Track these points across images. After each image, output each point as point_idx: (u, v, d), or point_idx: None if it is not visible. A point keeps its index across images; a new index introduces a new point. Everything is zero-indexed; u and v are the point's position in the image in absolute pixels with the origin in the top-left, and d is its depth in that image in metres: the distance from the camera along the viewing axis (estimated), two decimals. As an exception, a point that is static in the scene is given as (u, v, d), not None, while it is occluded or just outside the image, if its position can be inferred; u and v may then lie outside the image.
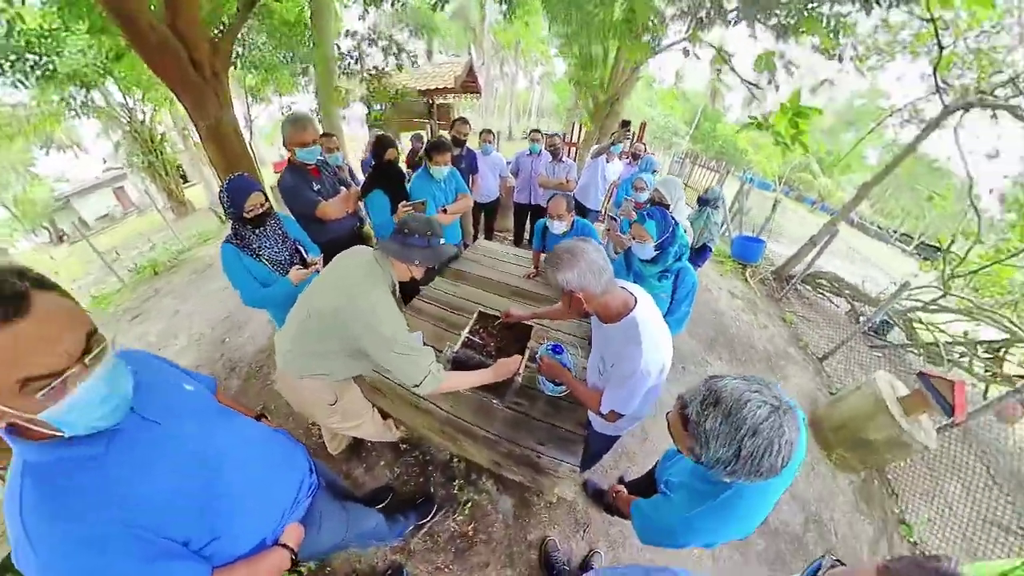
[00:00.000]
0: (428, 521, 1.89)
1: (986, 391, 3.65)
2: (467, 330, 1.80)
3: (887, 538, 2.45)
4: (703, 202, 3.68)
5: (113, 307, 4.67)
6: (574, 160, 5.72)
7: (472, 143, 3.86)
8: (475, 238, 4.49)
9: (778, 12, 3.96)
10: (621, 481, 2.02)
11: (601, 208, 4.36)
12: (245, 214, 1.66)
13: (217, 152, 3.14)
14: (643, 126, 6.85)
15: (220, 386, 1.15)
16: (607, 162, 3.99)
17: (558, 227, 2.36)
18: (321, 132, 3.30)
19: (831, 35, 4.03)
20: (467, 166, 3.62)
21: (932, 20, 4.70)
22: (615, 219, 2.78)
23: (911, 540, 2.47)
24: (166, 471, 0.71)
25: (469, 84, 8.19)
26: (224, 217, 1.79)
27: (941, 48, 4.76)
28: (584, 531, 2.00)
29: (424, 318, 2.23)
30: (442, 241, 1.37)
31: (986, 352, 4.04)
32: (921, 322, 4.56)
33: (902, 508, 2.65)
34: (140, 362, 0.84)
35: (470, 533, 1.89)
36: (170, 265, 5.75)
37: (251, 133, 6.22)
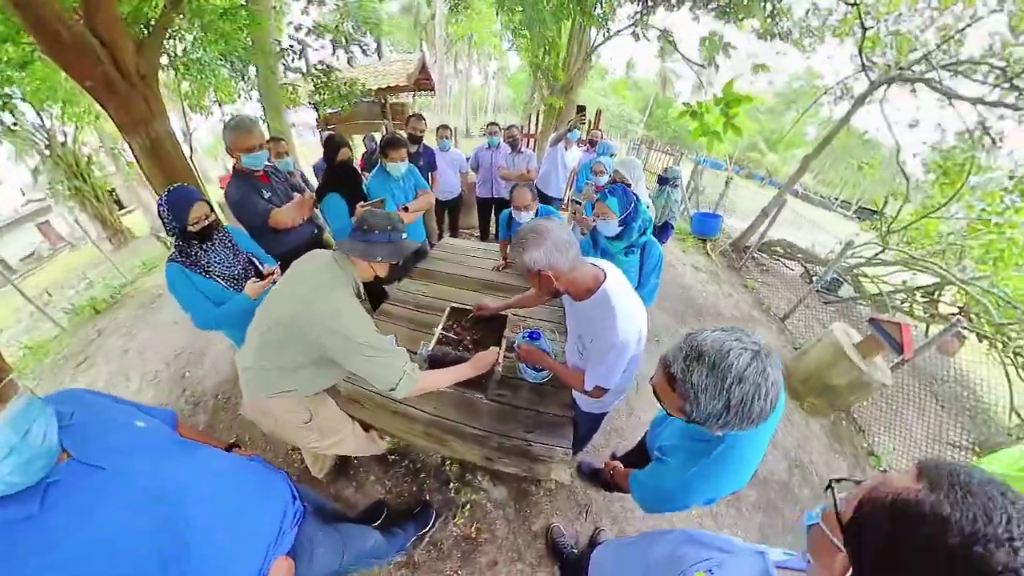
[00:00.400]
0: (429, 530, 1.82)
1: (927, 330, 4.04)
2: (440, 327, 1.75)
3: (860, 470, 2.69)
4: (663, 181, 3.78)
5: (52, 356, 4.16)
6: (533, 151, 5.73)
7: (429, 141, 3.77)
8: (440, 236, 4.41)
9: None
10: (614, 457, 2.03)
11: (563, 195, 4.38)
12: (189, 227, 1.51)
13: (154, 167, 2.86)
14: (599, 114, 6.98)
15: (185, 420, 1.05)
16: (565, 149, 4.02)
17: (524, 218, 2.35)
18: (268, 137, 3.10)
19: (768, 18, 4.24)
20: (425, 163, 3.53)
21: (855, 4, 5.26)
22: (579, 203, 2.80)
23: (881, 468, 2.72)
24: (111, 512, 0.64)
25: (423, 81, 7.99)
26: (167, 237, 1.61)
27: (865, 30, 5.28)
28: (586, 512, 2.02)
29: (394, 321, 2.15)
30: (404, 236, 1.31)
31: (923, 296, 4.53)
32: (866, 276, 5.01)
33: (870, 442, 2.94)
34: (77, 402, 0.76)
35: (473, 534, 1.85)
36: (113, 301, 5.24)
37: (191, 148, 5.69)
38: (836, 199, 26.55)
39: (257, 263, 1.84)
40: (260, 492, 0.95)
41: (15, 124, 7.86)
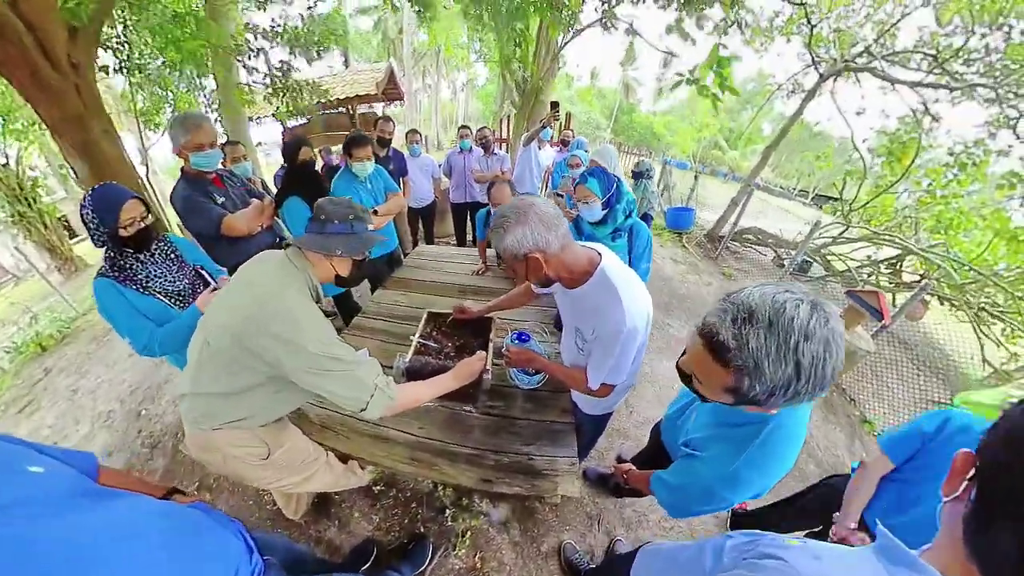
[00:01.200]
0: (427, 567, 1.61)
1: (894, 299, 4.23)
2: (418, 334, 1.57)
3: (858, 438, 2.74)
4: (637, 175, 3.77)
5: (-8, 401, 3.69)
6: (506, 153, 5.68)
7: (399, 147, 3.62)
8: (415, 245, 4.23)
9: None
10: (621, 460, 1.91)
11: (539, 194, 4.32)
12: (121, 230, 1.25)
13: (91, 172, 2.56)
14: (569, 116, 7.03)
15: (142, 465, 0.82)
16: (539, 148, 3.95)
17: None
18: (225, 140, 2.83)
19: (729, 6, 4.37)
20: (396, 168, 3.36)
21: (801, 4, 5.70)
22: (560, 195, 2.70)
23: (876, 433, 2.78)
24: None
25: (391, 91, 7.86)
26: (95, 244, 1.31)
27: (812, 27, 5.74)
28: (598, 523, 1.87)
29: (368, 335, 1.95)
30: (369, 226, 1.14)
31: (887, 268, 4.81)
32: (833, 254, 5.29)
33: (861, 410, 3.03)
34: None
35: (478, 565, 1.66)
36: (61, 336, 4.76)
37: (147, 167, 5.22)
38: (794, 189, 28.24)
39: (207, 276, 1.60)
40: (194, 553, 0.75)
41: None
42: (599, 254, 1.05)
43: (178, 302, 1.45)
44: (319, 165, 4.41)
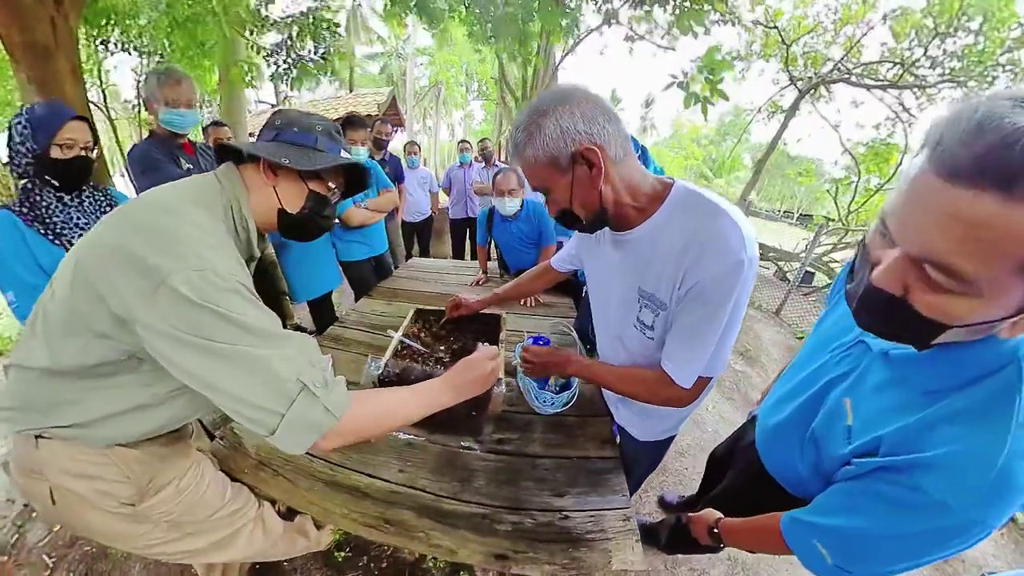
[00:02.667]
0: None
1: None
2: (400, 332, 1.17)
3: None
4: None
5: None
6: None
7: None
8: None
9: None
10: (672, 506, 1.58)
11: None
12: (56, 149, 1.02)
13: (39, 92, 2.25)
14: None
15: None
16: None
17: (508, 206, 1.93)
18: (212, 121, 2.56)
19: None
20: (391, 173, 3.12)
21: (775, 27, 6.41)
22: None
23: None
24: None
25: (392, 115, 8.01)
26: (13, 171, 1.03)
27: (788, 47, 6.44)
28: None
29: (343, 346, 1.55)
30: (344, 153, 0.78)
31: None
32: (836, 261, 5.33)
33: None
34: None
35: None
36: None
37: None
38: (779, 211, 29.26)
39: None
40: None
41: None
42: (671, 178, 0.73)
43: None
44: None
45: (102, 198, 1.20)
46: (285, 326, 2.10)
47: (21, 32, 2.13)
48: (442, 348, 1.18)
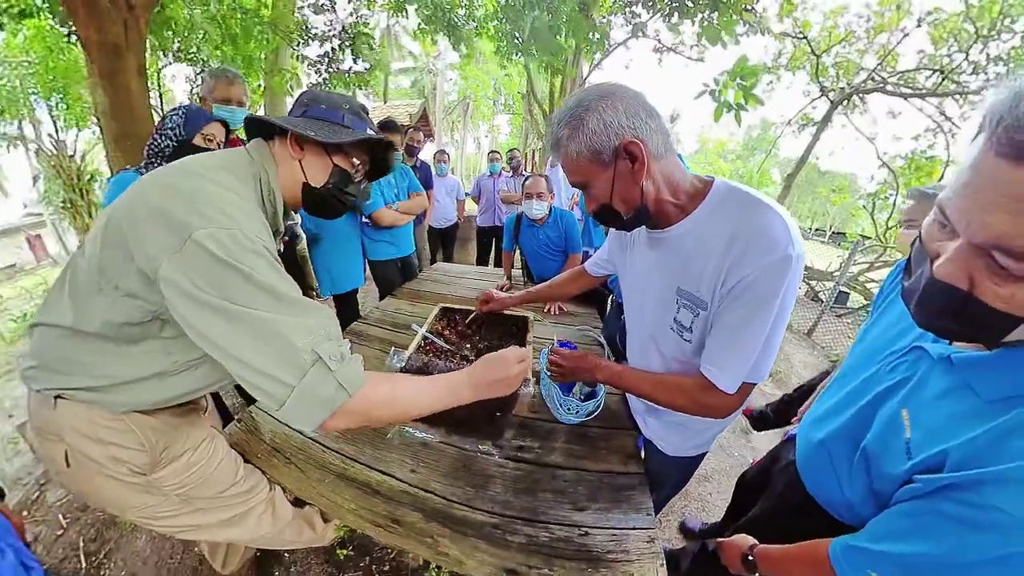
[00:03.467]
0: None
1: None
2: (425, 327, 1.14)
3: None
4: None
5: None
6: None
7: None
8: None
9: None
10: (694, 533, 1.51)
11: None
12: (198, 139, 1.24)
13: (113, 112, 2.53)
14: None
15: None
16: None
17: (535, 209, 1.91)
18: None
19: (749, 10, 4.43)
20: (421, 177, 3.20)
21: (804, 38, 6.14)
22: None
23: None
24: None
25: (423, 127, 8.30)
26: (151, 154, 1.26)
27: (818, 57, 6.11)
28: None
29: (365, 342, 1.55)
30: (370, 130, 0.78)
31: None
32: (873, 281, 4.96)
33: None
34: None
35: None
36: None
37: None
38: (810, 229, 27.72)
39: None
40: None
41: (21, 131, 7.80)
42: (711, 177, 0.70)
43: None
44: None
45: None
46: None
47: (98, 32, 2.38)
48: (467, 346, 1.15)
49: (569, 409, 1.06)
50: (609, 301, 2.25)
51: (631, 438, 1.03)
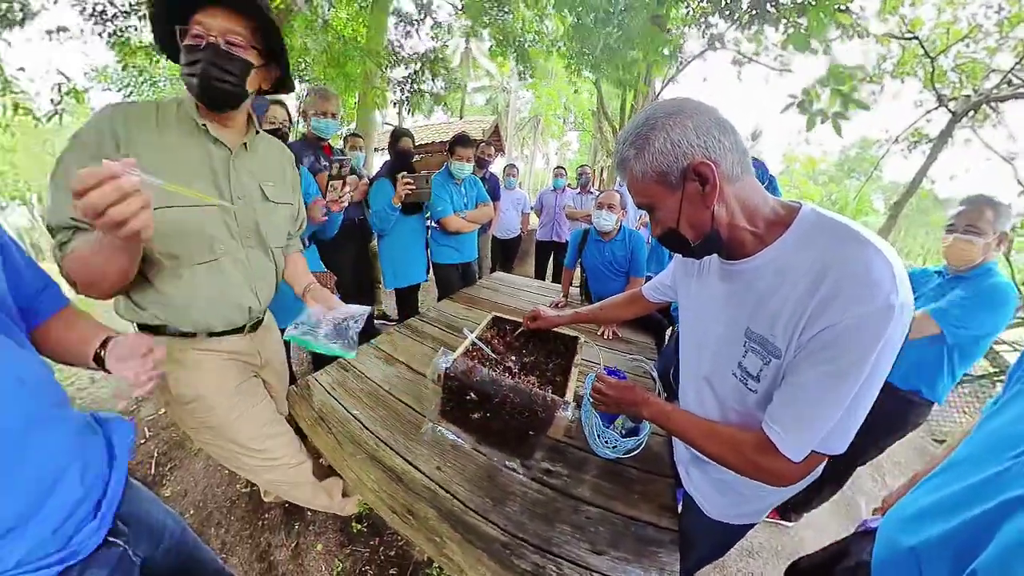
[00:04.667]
0: None
1: None
2: (475, 334, 1.16)
3: None
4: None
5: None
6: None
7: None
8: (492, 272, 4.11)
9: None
10: None
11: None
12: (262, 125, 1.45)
13: None
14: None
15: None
16: None
17: (605, 220, 1.90)
18: (351, 132, 3.15)
19: (842, 11, 3.86)
20: (490, 190, 3.33)
21: (915, 38, 5.02)
22: None
23: None
24: None
25: (495, 142, 8.66)
26: None
27: (932, 59, 4.94)
28: None
29: (419, 338, 1.64)
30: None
31: None
32: (1003, 342, 3.83)
33: None
34: None
35: None
36: None
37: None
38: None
39: None
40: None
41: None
42: (798, 202, 0.62)
43: None
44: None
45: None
46: (374, 312, 2.33)
47: None
48: (513, 358, 1.14)
49: (607, 442, 0.99)
50: (668, 332, 2.10)
51: (669, 488, 0.93)
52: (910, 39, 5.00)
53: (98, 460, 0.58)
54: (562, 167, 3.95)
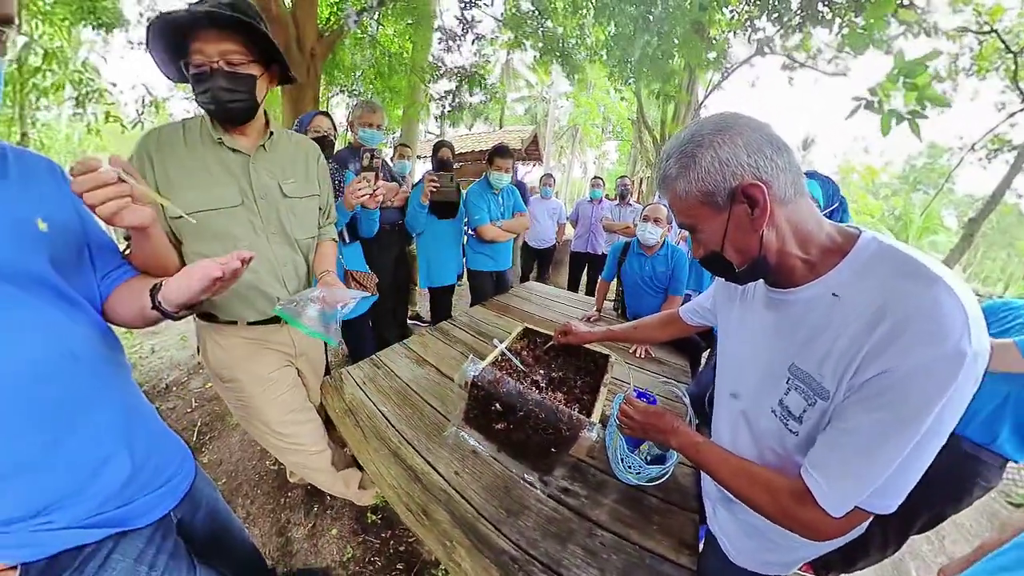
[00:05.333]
0: None
1: None
2: (505, 344, 1.17)
3: None
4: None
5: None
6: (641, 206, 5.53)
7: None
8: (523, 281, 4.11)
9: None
10: None
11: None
12: (308, 133, 1.68)
13: (293, 119, 3.40)
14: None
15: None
16: None
17: (650, 234, 1.86)
18: (399, 143, 3.34)
19: (906, 6, 3.45)
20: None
21: (994, 31, 4.40)
22: None
23: None
24: None
25: (532, 151, 8.73)
26: None
27: (1016, 55, 4.29)
28: None
29: (449, 341, 1.68)
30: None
31: None
32: None
33: None
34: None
35: None
36: None
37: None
38: (1000, 298, 19.58)
39: None
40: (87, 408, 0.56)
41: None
42: (858, 228, 0.57)
43: None
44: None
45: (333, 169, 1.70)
46: (407, 312, 2.42)
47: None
48: (541, 372, 1.13)
49: (630, 468, 0.95)
50: (705, 356, 2.00)
51: (692, 523, 0.88)
52: (988, 33, 4.38)
53: (150, 439, 0.65)
54: (599, 178, 3.89)
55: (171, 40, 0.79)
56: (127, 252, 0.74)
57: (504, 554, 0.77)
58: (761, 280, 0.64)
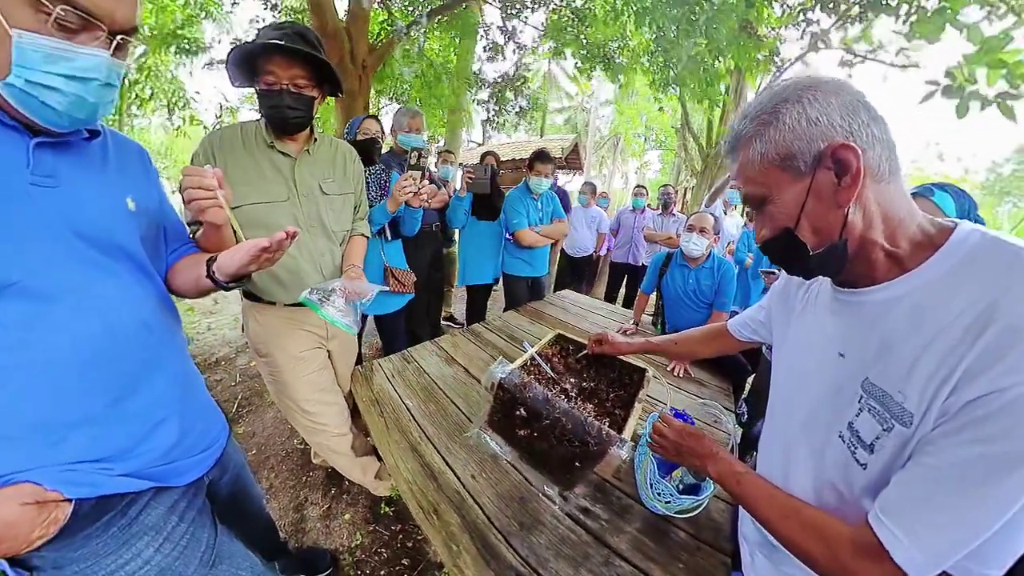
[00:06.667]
0: None
1: None
2: (536, 349, 1.13)
3: None
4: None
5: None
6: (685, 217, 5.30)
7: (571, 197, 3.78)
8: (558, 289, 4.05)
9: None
10: None
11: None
12: (357, 137, 1.79)
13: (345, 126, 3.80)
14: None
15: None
16: (724, 213, 3.34)
17: (695, 245, 1.76)
18: (443, 149, 3.46)
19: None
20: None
21: None
22: (773, 272, 1.97)
23: None
24: None
25: (573, 160, 8.65)
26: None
27: None
28: None
29: (480, 343, 1.70)
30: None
31: None
32: None
33: None
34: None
35: None
36: None
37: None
38: None
39: None
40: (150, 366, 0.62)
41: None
42: (953, 221, 0.47)
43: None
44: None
45: (379, 170, 1.76)
46: (441, 312, 2.47)
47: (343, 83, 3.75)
48: (572, 381, 1.09)
49: (659, 495, 0.87)
50: (750, 378, 1.84)
51: (723, 568, 0.78)
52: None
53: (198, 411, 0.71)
54: (642, 186, 3.73)
55: (247, 63, 0.96)
56: (195, 235, 0.83)
57: (511, 570, 0.73)
58: (827, 280, 0.55)
